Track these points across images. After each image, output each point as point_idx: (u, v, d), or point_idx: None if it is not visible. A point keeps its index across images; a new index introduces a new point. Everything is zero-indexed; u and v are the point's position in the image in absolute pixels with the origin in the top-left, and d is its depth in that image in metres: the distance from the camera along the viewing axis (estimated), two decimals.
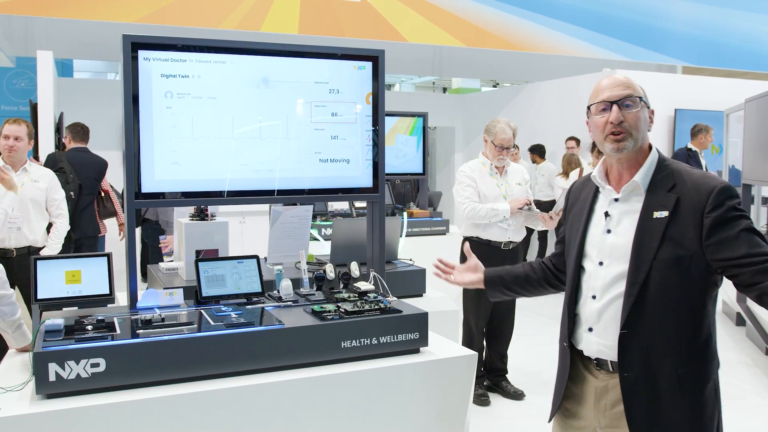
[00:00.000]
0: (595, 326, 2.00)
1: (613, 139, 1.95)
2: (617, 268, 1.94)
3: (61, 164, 5.53)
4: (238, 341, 2.24)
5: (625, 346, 1.91)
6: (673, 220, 1.86)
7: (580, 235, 2.06)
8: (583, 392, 2.07)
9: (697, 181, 1.88)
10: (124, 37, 2.62)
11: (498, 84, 19.81)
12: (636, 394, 1.91)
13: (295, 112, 2.91)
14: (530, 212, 4.45)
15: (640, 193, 1.95)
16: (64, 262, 2.43)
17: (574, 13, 9.22)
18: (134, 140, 2.64)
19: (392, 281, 3.00)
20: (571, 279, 2.07)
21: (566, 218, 2.21)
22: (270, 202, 3.05)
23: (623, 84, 1.97)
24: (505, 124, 4.51)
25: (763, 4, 10.49)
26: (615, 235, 1.97)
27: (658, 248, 1.86)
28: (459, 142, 12.03)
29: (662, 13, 9.78)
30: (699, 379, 1.90)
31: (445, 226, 6.57)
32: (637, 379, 1.90)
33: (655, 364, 1.89)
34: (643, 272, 1.88)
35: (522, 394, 4.65)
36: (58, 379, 2.03)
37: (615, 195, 2.00)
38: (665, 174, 1.94)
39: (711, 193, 1.84)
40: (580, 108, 9.61)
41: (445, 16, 8.56)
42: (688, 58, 10.14)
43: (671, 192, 1.89)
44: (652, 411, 1.90)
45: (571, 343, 2.09)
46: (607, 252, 1.98)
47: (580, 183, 2.20)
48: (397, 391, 2.42)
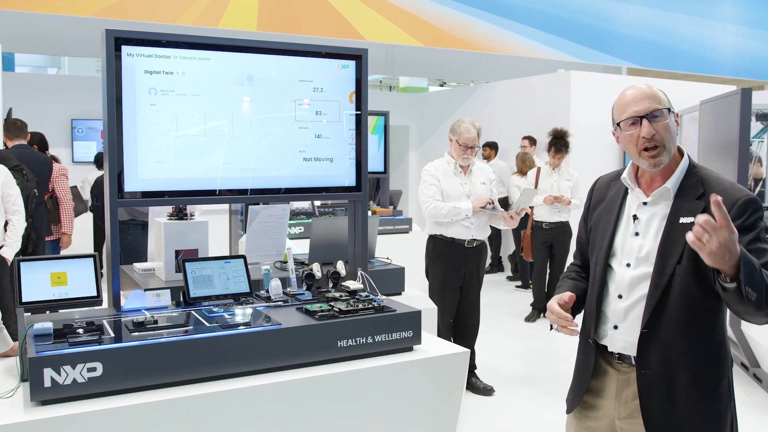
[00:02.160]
0: (620, 324, 2.05)
1: (648, 155, 1.97)
2: (642, 270, 2.00)
3: (11, 161, 5.31)
4: (237, 342, 2.21)
5: (645, 345, 1.98)
6: None
7: (609, 236, 2.10)
8: (604, 385, 2.12)
9: (726, 191, 1.91)
10: (107, 32, 2.56)
11: (445, 83, 20.02)
12: (652, 391, 1.98)
13: (279, 111, 2.88)
14: (493, 211, 4.51)
15: (668, 198, 2.00)
16: (49, 264, 2.35)
17: (528, 15, 9.38)
18: (117, 138, 2.58)
19: (372, 280, 3.00)
20: (599, 277, 2.11)
21: (590, 216, 2.24)
22: (255, 200, 3.02)
23: (649, 96, 1.98)
24: (470, 123, 4.56)
25: (708, 9, 10.88)
26: (642, 238, 2.02)
27: (682, 253, 1.91)
28: (413, 141, 12.09)
29: (612, 16, 10.05)
30: (714, 377, 1.97)
31: (408, 225, 6.61)
32: (654, 377, 1.97)
33: (672, 363, 1.96)
34: (667, 276, 1.93)
35: (491, 390, 4.72)
36: (54, 385, 1.96)
37: (644, 198, 2.05)
38: (695, 181, 1.98)
39: (735, 204, 1.88)
40: (533, 108, 9.76)
41: (402, 15, 8.59)
42: (635, 60, 10.44)
43: (699, 200, 1.94)
44: (667, 408, 1.96)
45: (595, 340, 2.13)
46: (634, 254, 2.03)
47: (605, 181, 2.24)
48: (393, 390, 2.43)
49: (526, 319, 6.88)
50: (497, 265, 9.65)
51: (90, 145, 9.66)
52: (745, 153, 4.25)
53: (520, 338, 6.35)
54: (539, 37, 9.48)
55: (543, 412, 4.42)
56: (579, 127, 7.97)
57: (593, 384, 2.15)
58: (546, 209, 6.71)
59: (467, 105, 10.63)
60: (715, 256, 1.68)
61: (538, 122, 9.01)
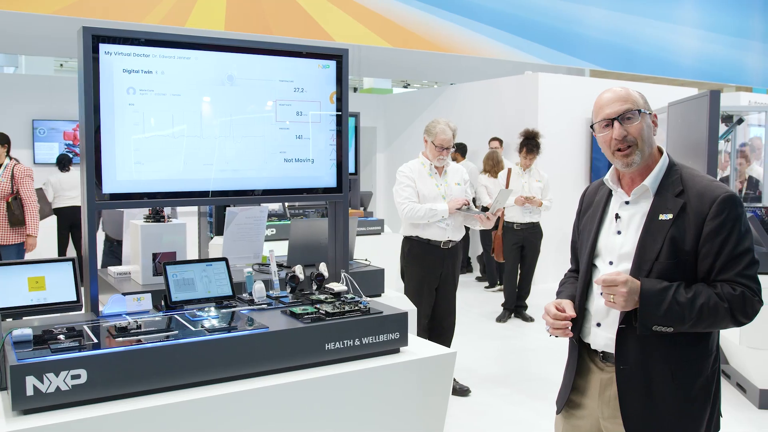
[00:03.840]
0: (603, 321, 2.08)
1: (621, 155, 2.02)
2: (623, 267, 2.03)
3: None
4: (224, 346, 2.17)
5: (623, 340, 2.00)
6: (677, 223, 1.94)
7: (593, 236, 2.14)
8: (588, 384, 2.15)
9: (705, 188, 1.95)
10: (84, 30, 2.49)
11: (409, 85, 20.07)
12: (630, 386, 2.00)
13: (259, 111, 2.85)
14: (468, 212, 4.53)
15: (649, 197, 2.03)
16: (26, 268, 2.28)
17: (494, 17, 9.45)
18: (94, 139, 2.51)
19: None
20: (583, 276, 2.15)
21: (581, 221, 2.27)
22: (235, 202, 2.98)
23: (621, 98, 2.02)
24: (445, 124, 4.57)
25: (669, 13, 11.11)
26: (624, 236, 2.06)
27: (660, 249, 1.95)
28: (381, 142, 12.09)
29: (577, 19, 10.18)
30: (692, 374, 1.98)
31: (380, 226, 6.60)
32: (632, 373, 1.99)
33: (649, 359, 1.98)
34: (645, 272, 1.96)
35: (468, 390, 4.73)
36: (36, 393, 1.89)
37: (626, 198, 2.09)
38: (674, 179, 2.02)
39: (714, 202, 1.92)
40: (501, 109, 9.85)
41: (370, 16, 8.58)
42: (599, 62, 10.60)
43: (679, 197, 1.97)
44: (645, 403, 1.99)
45: (579, 338, 2.16)
46: (617, 252, 2.07)
47: (594, 186, 2.28)
48: (380, 392, 2.41)
49: (498, 320, 6.92)
50: (466, 266, 9.70)
51: (52, 147, 9.45)
52: (714, 154, 4.34)
53: (493, 338, 6.39)
54: (505, 39, 9.55)
55: (519, 411, 4.45)
56: (547, 128, 8.05)
57: (579, 383, 2.18)
58: (517, 210, 6.76)
59: (435, 106, 10.67)
60: (626, 306, 1.91)
61: (506, 124, 9.09)
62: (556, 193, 7.17)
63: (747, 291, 1.90)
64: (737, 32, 11.90)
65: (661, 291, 1.89)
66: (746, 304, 1.89)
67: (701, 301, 1.88)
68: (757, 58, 12.26)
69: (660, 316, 1.88)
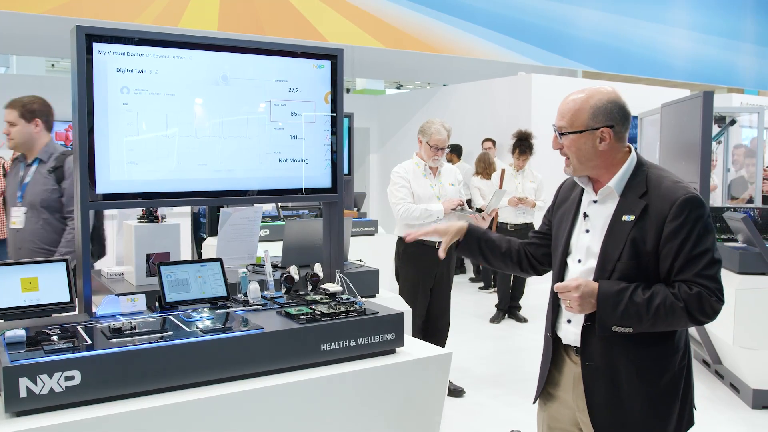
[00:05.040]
0: (573, 318, 2.14)
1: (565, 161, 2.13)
2: (590, 265, 2.09)
3: None
4: (219, 347, 2.15)
5: (587, 337, 2.06)
6: (638, 224, 1.99)
7: (566, 234, 2.20)
8: (563, 377, 2.21)
9: (667, 189, 1.99)
10: (78, 29, 2.47)
11: (401, 86, 20.07)
12: (596, 382, 2.05)
13: (254, 111, 2.83)
14: (463, 212, 4.53)
15: (615, 197, 2.08)
16: (18, 269, 2.26)
17: (488, 18, 9.46)
18: (88, 139, 2.49)
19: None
20: (557, 273, 2.22)
21: (554, 214, 2.33)
22: (229, 202, 2.96)
23: (562, 113, 2.10)
24: (440, 125, 4.58)
25: (661, 15, 11.16)
26: (591, 234, 2.12)
27: (622, 250, 2.00)
28: (374, 143, 12.08)
29: (570, 20, 10.21)
30: (657, 370, 2.02)
31: (374, 227, 6.58)
32: (597, 369, 2.05)
33: (613, 355, 2.03)
34: (608, 271, 2.01)
35: (462, 391, 4.73)
36: (30, 395, 1.87)
37: (594, 197, 2.14)
38: (640, 180, 2.05)
39: (674, 204, 1.95)
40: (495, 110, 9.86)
41: (364, 17, 8.58)
42: (592, 63, 10.64)
43: (642, 198, 2.01)
44: (611, 399, 2.04)
45: (554, 332, 2.22)
46: (584, 250, 2.13)
47: (570, 182, 2.31)
48: (376, 393, 2.40)
49: (491, 320, 6.92)
50: (460, 267, 9.70)
51: None
52: (708, 154, 4.36)
53: (487, 339, 6.39)
54: (498, 40, 9.56)
55: (513, 411, 4.45)
56: (540, 129, 8.04)
57: (556, 376, 2.24)
58: (510, 211, 6.77)
59: (428, 107, 10.67)
60: (584, 310, 1.97)
61: (499, 125, 9.10)
62: (549, 194, 7.17)
63: (704, 291, 1.92)
64: (729, 34, 11.96)
65: (617, 292, 1.94)
66: (703, 304, 1.92)
67: (658, 302, 1.92)
68: (749, 60, 12.33)
69: (617, 317, 1.94)
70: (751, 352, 4.38)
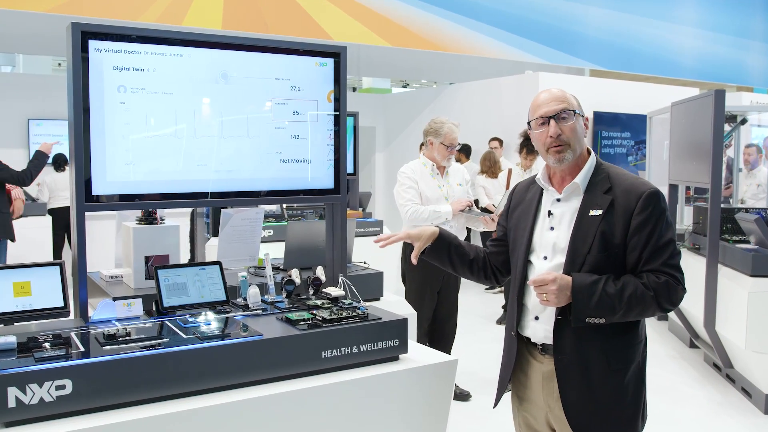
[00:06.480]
0: (541, 315, 2.16)
1: (554, 151, 2.13)
2: (558, 261, 2.12)
3: None
4: (217, 355, 2.08)
5: (560, 331, 2.08)
6: (606, 218, 2.05)
7: (528, 233, 2.21)
8: (530, 378, 2.22)
9: (630, 185, 2.08)
10: (73, 26, 2.41)
11: (408, 84, 20.01)
12: (569, 376, 2.08)
13: (255, 110, 2.76)
14: (471, 213, 4.45)
15: (579, 194, 2.14)
16: (11, 273, 2.19)
17: (494, 16, 9.38)
18: (84, 138, 2.43)
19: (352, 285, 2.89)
20: (520, 272, 2.22)
21: (509, 217, 2.36)
22: (229, 204, 2.89)
23: (558, 98, 2.14)
24: (451, 123, 4.51)
25: (669, 13, 11.04)
26: (557, 231, 2.15)
27: (591, 243, 2.05)
28: (380, 142, 12.01)
29: (577, 18, 10.11)
30: (626, 359, 2.08)
31: (379, 227, 6.51)
32: (570, 362, 2.07)
33: (585, 346, 2.06)
34: (578, 265, 2.05)
35: (468, 395, 4.65)
36: (19, 405, 1.81)
37: (557, 195, 2.18)
38: (602, 177, 2.13)
39: (640, 198, 2.03)
40: (502, 109, 9.75)
41: (370, 15, 8.50)
42: (599, 61, 10.53)
43: (607, 194, 2.09)
44: (583, 390, 2.07)
45: (518, 332, 2.23)
46: (550, 247, 2.15)
47: (524, 185, 2.36)
48: (380, 401, 2.33)
49: (498, 322, 6.84)
50: None
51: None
52: (719, 154, 4.27)
53: (493, 341, 6.30)
54: (504, 38, 9.48)
55: None
56: None
57: (522, 377, 2.25)
58: None
59: (434, 106, 10.59)
60: (560, 302, 2.00)
61: (506, 124, 9.01)
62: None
63: (671, 279, 2.01)
64: (738, 32, 11.84)
65: (591, 284, 1.99)
66: (671, 292, 2.01)
67: (629, 291, 1.99)
68: (759, 58, 12.20)
69: (592, 308, 1.99)
70: (764, 356, 4.28)
